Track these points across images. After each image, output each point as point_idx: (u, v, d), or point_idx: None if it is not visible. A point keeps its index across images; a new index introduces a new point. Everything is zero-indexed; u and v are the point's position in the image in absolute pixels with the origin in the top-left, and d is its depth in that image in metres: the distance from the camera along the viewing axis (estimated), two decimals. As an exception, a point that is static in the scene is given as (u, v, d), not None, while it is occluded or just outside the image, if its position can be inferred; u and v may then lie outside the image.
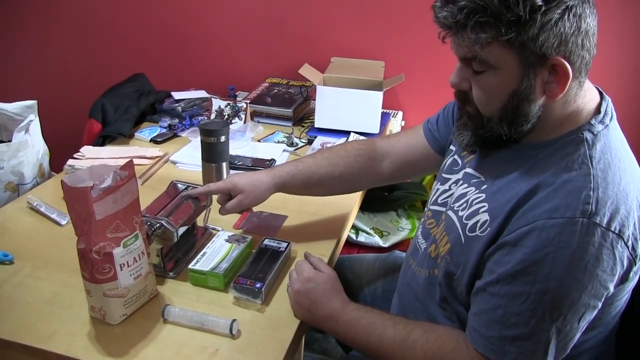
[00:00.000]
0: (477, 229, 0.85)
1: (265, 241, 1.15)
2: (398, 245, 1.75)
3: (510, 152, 0.87)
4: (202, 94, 1.91)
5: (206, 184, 1.18)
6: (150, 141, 1.69)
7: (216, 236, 1.15)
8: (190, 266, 1.06)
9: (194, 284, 1.06)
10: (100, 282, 0.91)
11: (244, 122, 1.77)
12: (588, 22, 0.76)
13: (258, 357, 0.90)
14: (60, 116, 2.20)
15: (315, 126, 1.75)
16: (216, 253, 1.09)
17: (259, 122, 1.83)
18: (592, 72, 0.81)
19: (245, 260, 1.10)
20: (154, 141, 1.69)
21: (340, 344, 1.38)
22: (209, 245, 1.12)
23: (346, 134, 1.72)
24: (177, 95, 1.87)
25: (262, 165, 1.51)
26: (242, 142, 1.67)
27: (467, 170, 0.96)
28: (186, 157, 1.58)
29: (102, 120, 1.72)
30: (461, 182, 0.96)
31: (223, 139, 1.28)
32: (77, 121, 1.91)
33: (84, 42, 2.30)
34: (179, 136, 1.73)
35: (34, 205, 1.30)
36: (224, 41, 2.15)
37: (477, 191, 0.90)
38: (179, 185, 1.18)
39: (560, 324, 0.76)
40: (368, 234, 1.76)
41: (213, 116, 1.79)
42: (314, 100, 1.81)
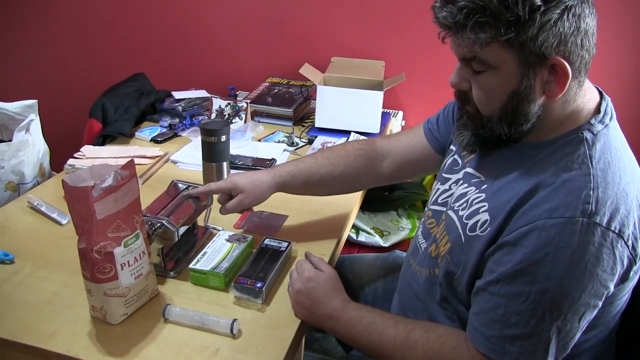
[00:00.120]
0: (478, 229, 0.85)
1: (265, 241, 1.15)
2: (398, 245, 1.75)
3: (510, 152, 0.87)
4: (203, 93, 1.91)
5: (207, 184, 1.18)
6: (151, 141, 1.69)
7: (217, 236, 1.15)
8: (191, 266, 1.06)
9: (194, 283, 1.06)
10: (101, 282, 0.91)
11: (245, 121, 1.77)
12: (587, 22, 0.76)
13: (259, 357, 0.90)
14: (61, 116, 2.20)
15: (316, 126, 1.75)
16: (217, 253, 1.09)
17: (259, 122, 1.83)
18: (592, 72, 0.81)
19: (246, 259, 1.10)
20: (154, 141, 1.69)
21: (340, 343, 1.38)
22: (209, 244, 1.12)
23: (346, 133, 1.72)
24: (177, 95, 1.88)
25: (263, 165, 1.51)
26: (242, 141, 1.67)
27: (467, 170, 0.96)
28: (187, 157, 1.58)
29: (102, 119, 1.72)
30: (461, 181, 0.96)
31: (223, 138, 1.28)
32: (77, 121, 1.91)
33: (84, 42, 2.30)
34: (180, 136, 1.73)
35: (35, 204, 1.30)
36: (224, 41, 2.15)
37: (477, 191, 0.90)
38: (180, 185, 1.18)
39: (560, 323, 0.76)
40: (368, 233, 1.76)
41: (213, 116, 1.79)
42: (315, 100, 1.81)
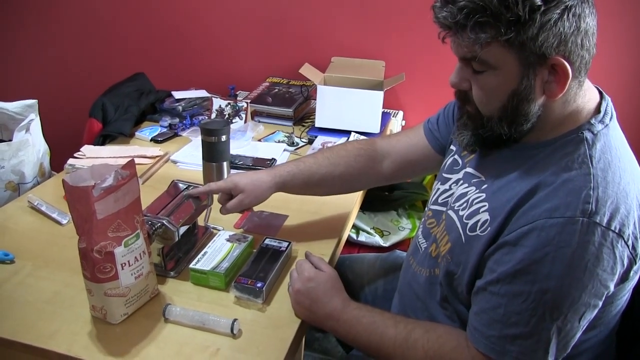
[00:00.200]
0: (478, 229, 0.85)
1: (266, 241, 1.15)
2: (398, 245, 1.75)
3: (511, 152, 0.87)
4: (203, 93, 1.91)
5: (207, 184, 1.17)
6: (151, 140, 1.69)
7: (217, 236, 1.15)
8: (191, 265, 1.06)
9: (195, 283, 1.07)
10: (102, 282, 0.91)
11: (245, 121, 1.77)
12: (587, 22, 0.76)
13: (259, 357, 0.90)
14: (61, 115, 2.20)
15: (316, 126, 1.76)
16: (217, 252, 1.09)
17: (259, 122, 1.83)
18: (592, 71, 0.81)
19: (246, 259, 1.10)
20: (154, 140, 1.69)
21: (340, 343, 1.38)
22: (209, 244, 1.12)
23: (347, 133, 1.72)
24: (177, 95, 1.88)
25: (263, 164, 1.51)
26: (242, 141, 1.67)
27: (467, 169, 0.96)
28: (187, 157, 1.58)
29: (102, 119, 1.72)
30: (461, 181, 0.96)
31: (224, 138, 1.28)
32: (77, 120, 1.91)
33: (84, 42, 2.30)
34: (180, 135, 1.73)
35: (35, 204, 1.30)
36: (224, 41, 2.15)
37: (478, 191, 0.90)
38: (180, 185, 1.18)
39: (560, 323, 0.76)
40: (369, 233, 1.76)
41: (214, 115, 1.79)
42: (315, 99, 1.81)
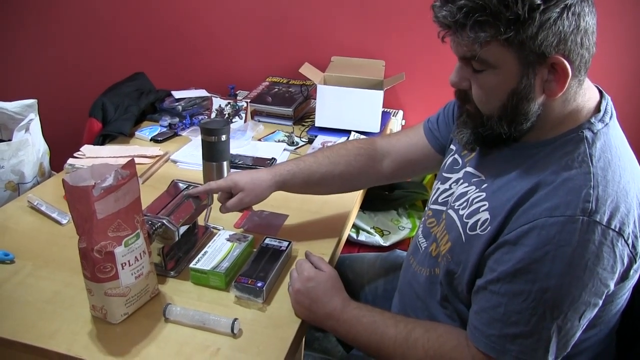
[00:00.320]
0: (478, 228, 0.85)
1: (266, 240, 1.15)
2: (399, 245, 1.75)
3: (510, 151, 0.87)
4: (203, 93, 1.91)
5: (207, 183, 1.17)
6: (151, 140, 1.69)
7: (217, 235, 1.15)
8: (191, 265, 1.06)
9: (195, 283, 1.06)
10: (102, 281, 0.91)
11: (245, 121, 1.77)
12: (587, 21, 0.76)
13: (259, 356, 0.90)
14: (61, 115, 2.20)
15: (316, 125, 1.75)
16: (217, 252, 1.09)
17: (259, 121, 1.83)
18: (592, 71, 0.81)
19: (247, 259, 1.10)
20: (154, 140, 1.69)
21: (341, 343, 1.38)
22: (210, 244, 1.12)
23: (347, 133, 1.72)
24: (177, 94, 1.88)
25: (263, 164, 1.51)
26: (242, 141, 1.67)
27: (467, 169, 0.96)
28: (187, 156, 1.58)
29: (102, 119, 1.72)
30: (462, 181, 0.96)
31: (224, 138, 1.28)
32: (77, 120, 1.91)
33: (84, 42, 2.30)
34: (180, 135, 1.73)
35: (35, 204, 1.30)
36: (224, 40, 2.15)
37: (478, 190, 0.90)
38: (180, 185, 1.18)
39: (561, 322, 0.76)
40: (369, 233, 1.76)
41: (213, 115, 1.79)
42: (315, 99, 1.81)
